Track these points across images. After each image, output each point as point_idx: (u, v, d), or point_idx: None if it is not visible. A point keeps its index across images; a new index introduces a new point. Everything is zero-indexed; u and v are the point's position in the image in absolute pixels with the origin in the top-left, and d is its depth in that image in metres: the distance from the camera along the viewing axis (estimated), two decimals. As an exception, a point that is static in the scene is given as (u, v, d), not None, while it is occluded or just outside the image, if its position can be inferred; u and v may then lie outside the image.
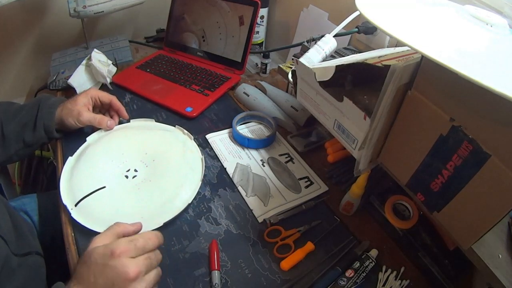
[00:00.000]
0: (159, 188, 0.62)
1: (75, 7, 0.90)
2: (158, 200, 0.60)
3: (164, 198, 0.60)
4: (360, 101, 0.50)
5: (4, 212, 0.56)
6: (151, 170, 0.66)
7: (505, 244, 0.44)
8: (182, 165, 0.67)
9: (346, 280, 0.51)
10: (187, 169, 0.66)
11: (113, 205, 0.59)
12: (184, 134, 0.75)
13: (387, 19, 0.37)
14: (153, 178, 0.64)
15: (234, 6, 0.95)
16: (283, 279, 0.52)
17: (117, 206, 0.59)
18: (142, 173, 0.65)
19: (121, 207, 0.59)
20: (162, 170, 0.65)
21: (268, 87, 0.89)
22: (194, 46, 1.04)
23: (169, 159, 0.68)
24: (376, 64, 0.52)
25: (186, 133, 0.75)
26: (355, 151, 0.54)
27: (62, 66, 0.96)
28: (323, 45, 0.73)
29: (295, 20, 1.05)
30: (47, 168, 1.18)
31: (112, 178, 0.63)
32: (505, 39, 0.37)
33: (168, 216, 0.58)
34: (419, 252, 0.53)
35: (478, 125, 0.37)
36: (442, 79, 0.39)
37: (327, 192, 0.66)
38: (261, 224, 0.60)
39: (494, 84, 0.27)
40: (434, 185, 0.44)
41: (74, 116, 0.68)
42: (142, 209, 0.59)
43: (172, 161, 0.67)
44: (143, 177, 0.64)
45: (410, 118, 0.45)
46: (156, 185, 0.63)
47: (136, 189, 0.62)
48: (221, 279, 0.51)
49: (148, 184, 0.63)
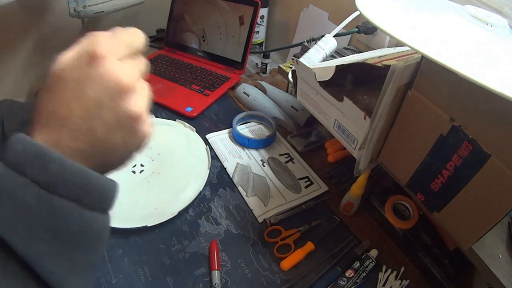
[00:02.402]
0: (168, 180, 0.64)
1: (75, 7, 0.90)
2: (170, 190, 0.62)
3: (175, 188, 0.62)
4: (360, 101, 0.50)
5: None
6: (158, 163, 0.67)
7: (505, 244, 0.44)
8: (188, 156, 0.69)
9: (346, 280, 0.51)
10: (194, 159, 0.69)
11: (125, 199, 0.59)
12: (186, 127, 0.77)
13: (387, 19, 0.37)
14: (161, 171, 0.66)
15: (234, 6, 0.95)
16: (283, 279, 0.52)
17: (129, 199, 0.60)
18: (149, 167, 0.67)
19: (133, 200, 0.60)
20: (169, 162, 0.68)
21: (268, 87, 0.89)
22: (194, 46, 1.04)
23: (174, 151, 0.70)
24: (376, 64, 0.52)
25: (188, 125, 0.77)
26: (355, 151, 0.54)
27: (62, 66, 0.96)
28: (323, 45, 0.73)
29: (295, 20, 1.05)
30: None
31: (119, 174, 0.64)
32: (505, 39, 0.37)
33: (182, 205, 0.60)
34: (419, 252, 0.53)
35: (478, 125, 0.37)
36: (442, 79, 0.39)
37: (327, 192, 0.66)
38: (261, 224, 0.60)
39: (494, 84, 0.27)
40: (434, 185, 0.44)
41: None
42: (155, 200, 0.60)
43: (178, 153, 0.70)
44: (151, 171, 0.66)
45: (410, 118, 0.45)
46: (165, 176, 0.65)
47: (145, 182, 0.64)
48: (221, 279, 0.51)
49: (157, 176, 0.65)
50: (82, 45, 0.26)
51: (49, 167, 0.23)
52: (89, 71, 0.24)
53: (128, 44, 0.28)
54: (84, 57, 0.25)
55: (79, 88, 0.24)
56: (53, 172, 0.23)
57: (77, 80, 0.24)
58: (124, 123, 0.26)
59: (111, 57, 0.25)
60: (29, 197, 0.22)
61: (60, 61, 0.25)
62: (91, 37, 0.26)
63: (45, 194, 0.22)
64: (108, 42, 0.26)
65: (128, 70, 0.26)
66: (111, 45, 0.26)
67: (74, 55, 0.25)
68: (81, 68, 0.24)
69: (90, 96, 0.24)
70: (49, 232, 0.22)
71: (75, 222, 0.23)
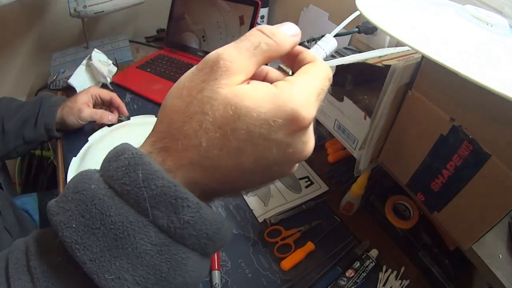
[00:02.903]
0: None
1: (75, 7, 0.90)
2: None
3: None
4: (360, 101, 0.50)
5: (8, 207, 0.56)
6: None
7: (505, 244, 0.44)
8: None
9: (346, 280, 0.51)
10: None
11: None
12: None
13: (387, 19, 0.37)
14: None
15: (234, 6, 0.95)
16: (283, 279, 0.52)
17: None
18: None
19: None
20: None
21: (268, 87, 0.89)
22: (195, 46, 1.04)
23: None
24: (376, 64, 0.52)
25: None
26: (355, 151, 0.54)
27: (63, 66, 0.96)
28: (324, 45, 0.73)
29: (295, 20, 1.05)
30: (47, 168, 1.18)
31: None
32: (505, 39, 0.37)
33: None
34: (419, 252, 0.53)
35: (479, 125, 0.37)
36: (442, 79, 0.39)
37: (327, 192, 0.66)
38: (262, 224, 0.60)
39: (494, 84, 0.27)
40: (435, 185, 0.44)
41: (75, 114, 0.69)
42: None
43: None
44: None
45: (410, 118, 0.45)
46: None
47: None
48: (221, 279, 0.51)
49: None
50: (277, 106, 0.19)
51: (183, 213, 0.19)
52: (288, 140, 0.20)
53: (322, 91, 0.22)
54: (287, 117, 0.19)
55: (257, 145, 0.20)
56: (185, 219, 0.19)
57: (259, 137, 0.19)
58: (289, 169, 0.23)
59: (309, 124, 0.21)
60: (148, 244, 0.19)
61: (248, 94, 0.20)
62: (286, 93, 0.20)
63: (169, 242, 0.19)
64: (313, 105, 0.21)
65: (313, 138, 0.22)
66: (313, 107, 0.21)
67: (268, 119, 0.19)
68: (273, 129, 0.19)
69: (262, 157, 0.20)
70: (160, 284, 0.19)
71: (190, 274, 0.20)
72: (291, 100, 0.20)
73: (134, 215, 0.19)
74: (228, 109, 0.19)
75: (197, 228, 0.19)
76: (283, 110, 0.19)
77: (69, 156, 0.68)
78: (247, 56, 0.21)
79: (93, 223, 0.19)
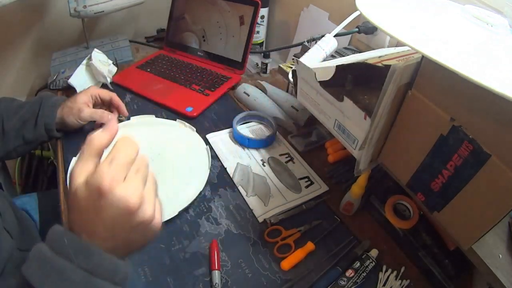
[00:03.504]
0: (168, 179, 0.64)
1: (75, 7, 0.90)
2: (170, 190, 0.62)
3: (176, 188, 0.63)
4: (360, 101, 0.50)
5: (8, 207, 0.56)
6: (158, 163, 0.68)
7: (505, 244, 0.44)
8: (188, 156, 0.69)
9: (346, 280, 0.51)
10: (194, 159, 0.69)
11: None
12: (186, 127, 0.78)
13: (387, 19, 0.37)
14: (162, 171, 0.66)
15: (234, 6, 0.95)
16: (284, 279, 0.52)
17: None
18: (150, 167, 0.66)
19: None
20: (169, 162, 0.68)
21: (268, 87, 0.89)
22: (195, 46, 1.04)
23: (174, 151, 0.70)
24: (376, 64, 0.52)
25: (188, 125, 0.78)
26: (356, 151, 0.54)
27: (63, 65, 0.96)
28: (324, 45, 0.73)
29: (296, 20, 1.05)
30: (47, 168, 1.18)
31: None
32: (505, 39, 0.37)
33: (182, 205, 0.60)
34: (419, 252, 0.53)
35: (479, 125, 0.37)
36: (442, 79, 0.39)
37: (327, 192, 0.66)
38: (262, 224, 0.60)
39: (494, 84, 0.27)
40: (435, 185, 0.44)
41: (75, 114, 0.69)
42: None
43: (178, 153, 0.70)
44: (151, 171, 0.66)
45: (410, 118, 0.46)
46: (165, 176, 0.65)
47: None
48: (222, 279, 0.51)
49: (157, 176, 0.64)
50: (88, 162, 0.32)
51: (93, 258, 0.31)
52: (100, 204, 0.31)
53: (127, 163, 0.33)
54: (94, 190, 0.31)
55: (97, 216, 0.31)
56: (95, 262, 0.31)
57: (94, 210, 0.31)
58: (139, 228, 0.33)
59: (116, 185, 0.31)
60: (77, 277, 0.30)
61: (75, 173, 0.32)
62: (97, 173, 0.31)
63: (89, 276, 0.30)
64: (109, 173, 0.31)
65: (132, 189, 0.32)
66: (112, 175, 0.31)
67: (84, 173, 0.32)
68: (94, 201, 0.31)
69: (107, 219, 0.31)
70: None
71: None
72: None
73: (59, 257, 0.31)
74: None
75: (104, 267, 0.32)
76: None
77: (69, 156, 0.68)
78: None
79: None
